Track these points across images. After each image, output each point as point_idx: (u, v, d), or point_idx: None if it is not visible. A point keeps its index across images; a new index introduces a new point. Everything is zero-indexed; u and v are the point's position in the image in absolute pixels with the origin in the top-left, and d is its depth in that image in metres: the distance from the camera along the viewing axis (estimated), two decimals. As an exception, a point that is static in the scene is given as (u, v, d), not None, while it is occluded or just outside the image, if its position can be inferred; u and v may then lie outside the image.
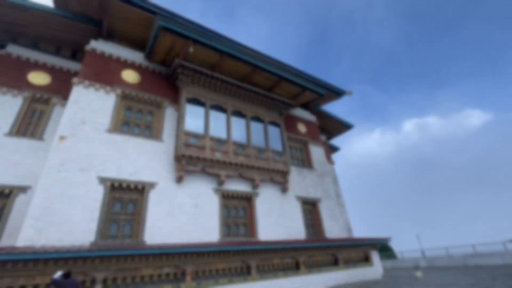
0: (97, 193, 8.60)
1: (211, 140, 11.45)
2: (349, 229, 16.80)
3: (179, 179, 10.21)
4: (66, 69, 11.64)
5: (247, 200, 12.15)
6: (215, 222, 10.47)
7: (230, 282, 8.78)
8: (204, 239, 9.91)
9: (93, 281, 6.90)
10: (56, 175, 8.21)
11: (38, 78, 10.89)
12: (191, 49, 10.72)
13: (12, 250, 6.13)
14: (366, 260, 13.35)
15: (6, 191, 8.76)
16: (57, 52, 12.11)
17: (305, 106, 18.00)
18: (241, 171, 11.87)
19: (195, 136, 11.09)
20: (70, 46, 12.32)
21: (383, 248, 24.17)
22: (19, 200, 8.83)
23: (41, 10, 10.43)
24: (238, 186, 11.88)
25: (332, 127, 21.11)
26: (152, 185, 9.72)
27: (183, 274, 8.17)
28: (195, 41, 10.92)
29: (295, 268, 10.67)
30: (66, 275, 5.49)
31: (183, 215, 9.88)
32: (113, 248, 6.99)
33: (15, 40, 11.28)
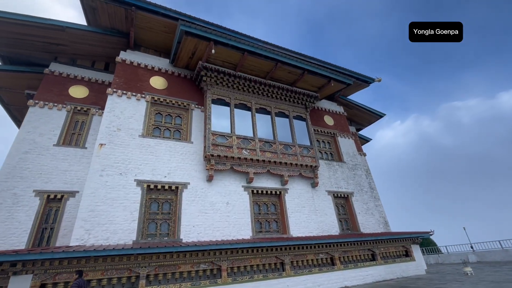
0: (136, 195, 9.17)
1: (238, 139, 11.58)
2: (385, 223, 16.01)
3: (209, 178, 10.50)
4: (101, 81, 12.50)
5: (277, 196, 12.12)
6: (246, 219, 10.61)
7: (265, 278, 8.86)
8: (236, 236, 10.10)
9: (137, 277, 7.38)
10: (98, 179, 8.90)
11: (78, 91, 11.84)
12: (213, 51, 10.90)
13: (67, 249, 6.77)
14: (407, 255, 12.63)
15: (58, 196, 9.71)
16: (92, 66, 13.06)
17: (331, 97, 17.44)
18: (269, 167, 11.86)
19: (222, 135, 11.30)
20: (103, 59, 13.21)
21: (425, 242, 22.66)
22: (69, 204, 9.73)
23: (76, 29, 11.31)
24: (267, 183, 11.90)
25: (361, 117, 20.20)
26: (184, 185, 10.12)
27: (219, 270, 8.42)
28: (216, 42, 11.08)
29: (330, 264, 10.45)
30: (79, 274, 6.07)
31: (215, 213, 10.16)
32: (153, 246, 7.41)
33: (56, 59, 12.37)
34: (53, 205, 9.67)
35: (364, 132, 22.56)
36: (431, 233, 12.89)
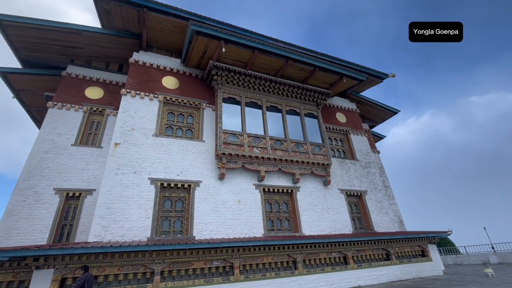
0: (150, 193, 9.37)
1: (249, 137, 11.60)
2: (400, 222, 15.64)
3: (221, 177, 10.58)
4: (115, 82, 12.82)
5: (289, 194, 12.07)
6: (258, 217, 10.63)
7: (277, 276, 8.86)
8: (248, 234, 10.14)
9: (152, 273, 7.55)
10: (114, 178, 9.15)
11: (93, 92, 12.20)
12: (223, 50, 10.94)
13: (86, 244, 7.02)
14: (423, 255, 12.29)
15: (77, 194, 10.06)
16: (106, 67, 13.41)
17: (343, 94, 17.14)
18: (280, 165, 11.82)
19: (233, 134, 11.35)
20: (117, 60, 13.52)
21: (443, 242, 21.96)
22: (87, 201, 10.06)
23: (91, 32, 11.63)
24: (278, 181, 11.87)
25: (375, 114, 19.76)
26: (197, 183, 10.25)
27: (232, 267, 8.49)
28: (227, 41, 11.10)
29: (343, 263, 10.33)
30: (85, 269, 6.24)
31: (227, 210, 10.23)
32: (167, 243, 7.56)
33: (72, 61, 12.79)
34: (71, 202, 10.04)
35: (377, 129, 22.08)
36: (449, 232, 12.48)
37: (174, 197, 9.96)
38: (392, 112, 19.27)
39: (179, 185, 9.97)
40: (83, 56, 12.76)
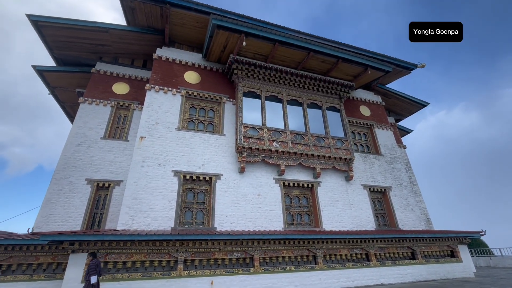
0: (173, 185, 9.70)
1: (269, 131, 11.56)
2: (427, 220, 14.91)
3: (241, 170, 10.68)
4: (140, 78, 13.29)
5: (309, 189, 11.94)
6: (278, 211, 10.64)
7: (297, 269, 8.86)
8: (268, 227, 10.20)
9: (176, 261, 7.87)
10: (140, 170, 9.56)
11: (120, 88, 12.74)
12: (244, 43, 10.90)
13: (115, 232, 7.45)
14: (452, 255, 11.67)
15: (106, 184, 10.66)
16: (131, 63, 13.92)
17: (368, 86, 16.47)
18: (301, 160, 11.68)
19: (253, 128, 11.36)
20: (141, 56, 13.98)
21: (475, 243, 20.67)
22: (115, 192, 10.64)
23: (118, 29, 12.09)
24: (298, 176, 11.76)
25: (401, 107, 18.81)
26: (218, 176, 10.44)
27: (252, 259, 8.61)
28: (247, 34, 11.04)
29: (365, 260, 10.09)
30: (93, 255, 6.56)
31: (247, 203, 10.35)
32: (190, 233, 7.81)
33: (101, 59, 13.40)
34: (101, 192, 10.66)
35: (404, 123, 21.05)
36: (482, 233, 11.71)
37: (196, 189, 10.24)
38: (420, 105, 18.24)
39: (201, 178, 10.22)
40: (110, 53, 13.33)
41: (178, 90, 11.61)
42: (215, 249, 8.26)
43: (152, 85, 11.28)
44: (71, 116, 16.44)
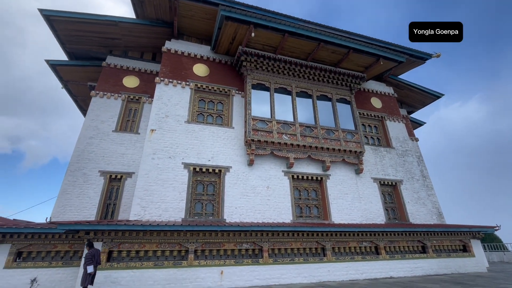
0: (183, 177, 9.84)
1: (278, 124, 11.50)
2: (439, 215, 14.66)
3: (250, 163, 10.71)
4: (150, 71, 13.38)
5: (318, 182, 11.89)
6: (287, 203, 10.67)
7: (306, 261, 8.93)
8: (277, 219, 10.26)
9: (186, 251, 8.05)
10: (151, 162, 9.73)
11: (130, 81, 12.88)
12: (252, 34, 10.76)
13: (128, 222, 7.66)
14: (465, 250, 11.48)
15: (118, 176, 10.92)
16: (141, 57, 14.01)
17: (379, 77, 16.06)
18: (310, 153, 11.61)
19: (262, 120, 11.32)
20: (150, 49, 14.04)
21: (488, 238, 20.25)
22: (127, 183, 10.90)
23: (127, 22, 12.14)
24: (307, 168, 11.71)
25: (414, 99, 18.30)
26: (227, 169, 10.51)
27: (261, 250, 8.72)
28: (256, 25, 10.87)
29: (374, 253, 10.06)
30: (90, 245, 6.59)
31: (256, 196, 10.41)
32: (200, 224, 7.95)
33: (111, 52, 13.54)
34: (114, 184, 10.94)
35: (416, 115, 20.51)
36: (497, 228, 11.43)
37: (206, 181, 10.36)
38: (434, 96, 17.69)
39: (210, 170, 10.32)
40: (120, 46, 13.43)
41: (187, 83, 11.64)
42: (225, 240, 8.40)
43: (162, 78, 11.34)
44: (84, 110, 16.79)
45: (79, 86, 14.51)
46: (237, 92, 12.27)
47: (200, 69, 12.23)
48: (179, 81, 11.55)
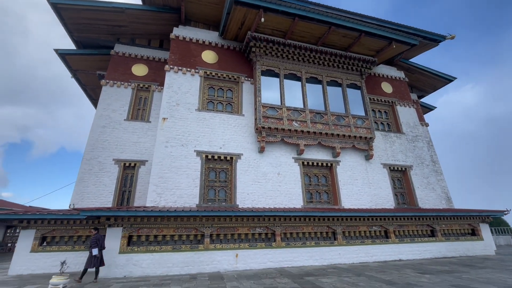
0: (196, 164, 10.03)
1: (288, 110, 11.47)
2: (448, 199, 14.73)
3: (261, 150, 10.81)
4: (158, 59, 13.31)
5: (328, 168, 11.98)
6: (297, 189, 10.84)
7: (317, 245, 9.19)
8: (288, 205, 10.47)
9: (202, 236, 8.35)
10: (164, 150, 9.90)
11: (139, 70, 12.87)
12: (262, 19, 10.52)
13: (146, 208, 7.93)
14: (473, 234, 11.62)
15: (132, 164, 11.17)
16: (148, 44, 13.89)
17: (390, 61, 15.70)
18: (320, 139, 11.63)
19: (272, 107, 11.30)
20: (157, 37, 13.89)
21: (495, 222, 20.36)
22: (141, 171, 11.16)
23: (134, 9, 11.96)
24: (317, 155, 11.78)
25: (425, 83, 17.91)
26: (238, 156, 10.65)
27: (273, 235, 8.98)
28: (266, 9, 10.61)
29: (384, 236, 10.26)
30: (95, 229, 6.96)
31: (267, 182, 10.58)
32: (215, 210, 8.19)
33: (118, 40, 13.44)
34: (128, 172, 11.21)
35: (426, 99, 20.11)
36: (506, 212, 11.49)
37: (218, 168, 10.54)
38: (447, 80, 17.28)
39: (222, 158, 10.47)
40: (127, 34, 13.31)
41: (197, 71, 11.58)
42: (239, 225, 8.66)
43: (171, 66, 11.30)
44: (93, 99, 16.93)
45: (88, 75, 14.56)
46: (246, 79, 12.19)
47: (208, 56, 12.11)
48: (188, 69, 11.50)
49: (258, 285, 6.08)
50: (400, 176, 13.15)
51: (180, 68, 11.39)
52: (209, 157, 10.34)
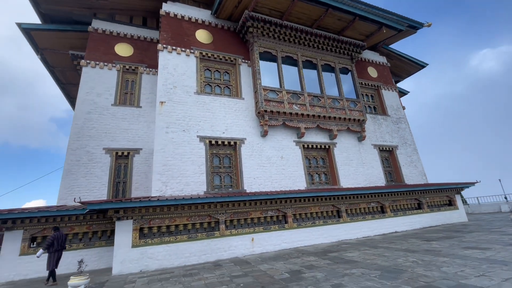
0: (200, 150, 9.55)
1: (288, 94, 11.39)
2: (424, 174, 16.18)
3: (264, 134, 10.66)
4: (143, 38, 12.16)
5: (325, 150, 12.29)
6: (300, 172, 10.99)
7: (325, 223, 9.51)
8: (292, 187, 10.59)
9: (216, 222, 8.10)
10: (165, 136, 9.23)
11: (123, 49, 11.64)
12: (262, -3, 10.11)
13: (160, 197, 7.40)
14: (450, 204, 13.00)
15: (125, 153, 10.27)
16: (130, 21, 12.59)
17: (373, 47, 16.31)
18: (318, 122, 11.82)
19: (273, 91, 11.12)
20: (140, 13, 12.64)
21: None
22: (136, 160, 10.33)
23: (115, -21, 10.63)
24: (316, 138, 11.99)
25: (401, 69, 19.05)
26: (242, 141, 10.38)
27: (285, 216, 9.07)
28: (266, -13, 10.19)
29: (381, 212, 10.98)
30: (55, 229, 6.55)
31: (271, 166, 10.54)
32: (232, 195, 7.97)
33: (95, 15, 11.94)
34: (121, 161, 10.30)
35: (400, 84, 21.47)
36: (477, 182, 13.01)
37: (222, 154, 10.18)
38: (420, 66, 18.56)
39: (226, 143, 10.12)
40: (106, 8, 11.88)
41: (192, 51, 10.83)
42: (252, 209, 8.56)
43: (164, 45, 10.39)
44: (62, 83, 15.04)
45: (58, 55, 12.80)
46: (243, 61, 11.75)
47: (202, 36, 11.38)
48: (183, 49, 10.70)
49: (291, 264, 6.11)
50: (387, 156, 14.05)
51: (174, 48, 10.54)
52: (213, 142, 9.92)
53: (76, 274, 5.40)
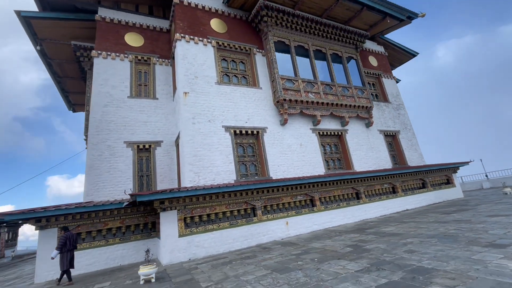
0: (226, 140, 9.61)
1: (303, 82, 11.65)
2: (422, 156, 17.33)
3: (284, 122, 10.89)
4: (153, 27, 11.75)
5: (337, 137, 12.79)
6: (318, 158, 11.40)
7: (348, 205, 10.05)
8: (312, 173, 10.99)
9: (252, 209, 8.31)
10: (192, 127, 9.18)
11: (133, 39, 11.20)
12: (279, -14, 10.15)
13: (207, 186, 7.44)
14: (448, 182, 14.13)
15: (146, 146, 10.06)
16: (136, 10, 12.08)
17: (372, 37, 16.91)
18: (332, 110, 12.24)
19: (289, 80, 11.32)
20: (146, 2, 12.16)
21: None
22: (158, 153, 10.17)
23: (125, -36, 10.13)
24: (329, 125, 12.42)
25: (395, 58, 19.89)
26: (264, 130, 10.55)
27: (312, 200, 9.46)
28: (282, -24, 10.24)
29: (392, 192, 11.73)
30: (65, 229, 6.67)
31: (292, 153, 10.84)
32: (269, 181, 8.20)
33: (99, 3, 11.32)
34: (142, 155, 10.09)
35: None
36: (472, 161, 14.24)
37: (245, 143, 10.30)
38: (411, 55, 19.52)
39: (249, 132, 10.23)
40: (111, -4, 11.30)
41: (209, 40, 10.70)
42: (283, 194, 8.85)
43: (182, 35, 10.17)
44: (59, 77, 14.20)
45: (57, 45, 12.05)
46: (257, 50, 11.79)
47: (217, 25, 11.23)
48: (200, 38, 10.53)
49: (340, 241, 6.50)
50: (391, 141, 14.87)
51: (191, 37, 10.35)
52: (237, 132, 10.00)
53: (144, 263, 5.42)
